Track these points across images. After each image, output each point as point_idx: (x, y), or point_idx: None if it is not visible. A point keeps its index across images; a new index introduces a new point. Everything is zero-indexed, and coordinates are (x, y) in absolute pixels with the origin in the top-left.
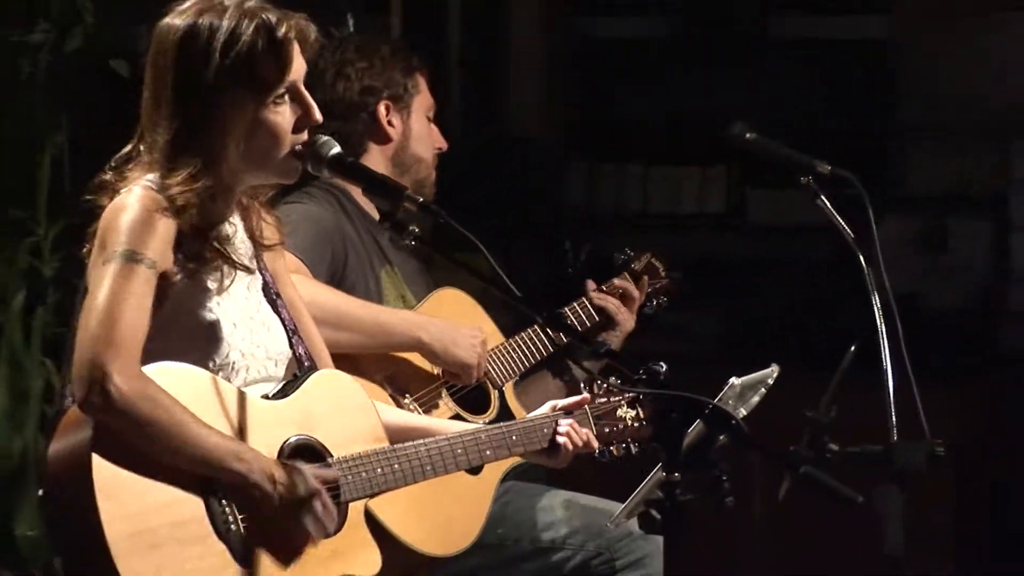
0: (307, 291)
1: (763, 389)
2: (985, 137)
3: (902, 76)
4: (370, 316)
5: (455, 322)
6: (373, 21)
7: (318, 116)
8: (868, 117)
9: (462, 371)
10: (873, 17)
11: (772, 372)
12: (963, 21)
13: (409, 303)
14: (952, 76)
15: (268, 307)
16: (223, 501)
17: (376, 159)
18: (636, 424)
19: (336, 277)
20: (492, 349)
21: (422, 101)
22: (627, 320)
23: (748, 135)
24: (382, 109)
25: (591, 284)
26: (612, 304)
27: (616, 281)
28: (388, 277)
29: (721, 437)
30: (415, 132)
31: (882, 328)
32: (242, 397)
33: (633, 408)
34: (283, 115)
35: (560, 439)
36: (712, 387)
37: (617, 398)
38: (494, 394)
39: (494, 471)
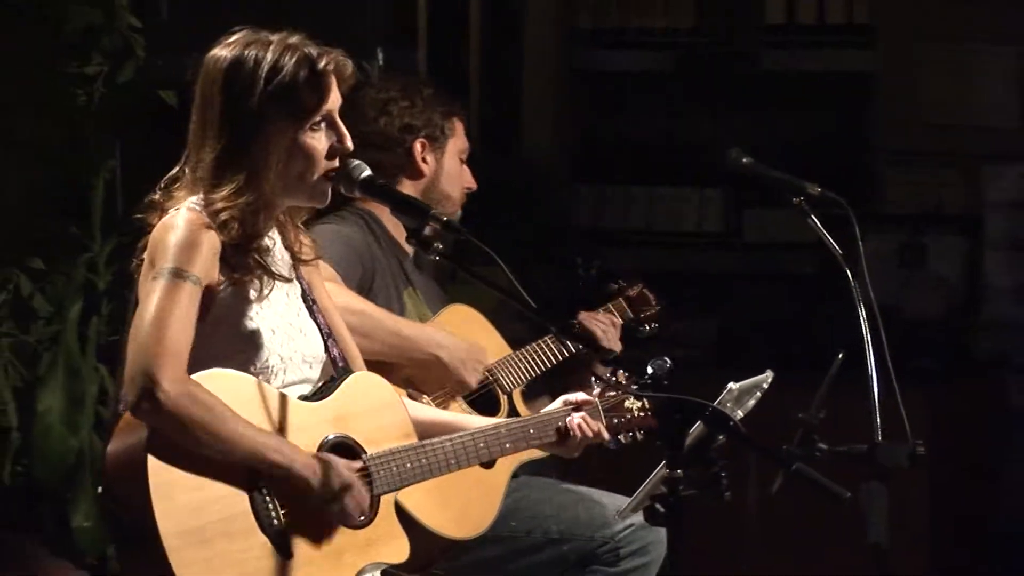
0: (342, 299)
1: (758, 393)
2: (960, 161)
3: (884, 105)
4: (397, 328)
5: (469, 342)
6: (401, 54)
7: (350, 144)
8: (853, 142)
9: (461, 388)
10: (857, 52)
11: (767, 377)
12: (939, 55)
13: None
14: (929, 105)
15: (306, 312)
16: (266, 497)
17: (407, 191)
18: (641, 414)
19: (363, 293)
20: (503, 358)
21: (456, 143)
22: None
23: (744, 159)
24: (417, 146)
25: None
26: (599, 329)
27: (596, 319)
28: (410, 298)
29: (720, 437)
30: (446, 171)
31: (867, 336)
32: (284, 399)
33: (639, 399)
34: (319, 140)
35: (571, 427)
36: (711, 391)
37: (624, 391)
38: (503, 399)
39: (507, 464)
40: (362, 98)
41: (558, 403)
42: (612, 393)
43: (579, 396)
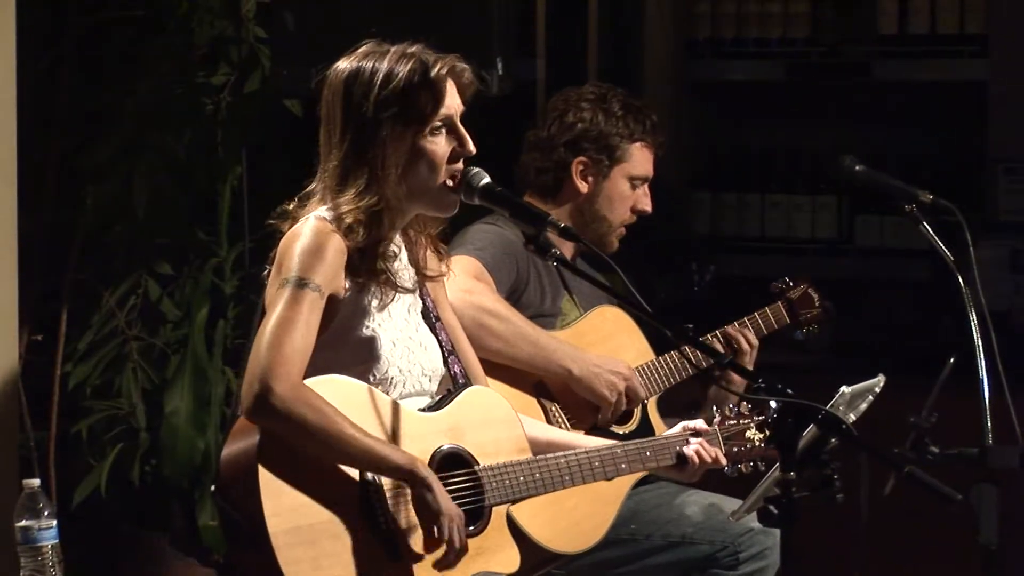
0: (488, 302)
1: (870, 397)
2: None
3: (996, 114)
4: (535, 338)
5: (606, 360)
6: (521, 64)
7: (472, 148)
8: (965, 150)
9: (597, 401)
10: (969, 61)
11: (879, 381)
12: None
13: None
14: None
15: (427, 329)
16: (375, 499)
17: (562, 202)
18: (763, 445)
19: (516, 293)
20: (640, 365)
21: (627, 168)
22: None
23: (857, 167)
24: (576, 165)
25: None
26: (744, 343)
27: (734, 328)
28: (567, 304)
29: (833, 439)
30: (605, 194)
31: (978, 342)
32: (397, 408)
33: (761, 431)
34: (439, 145)
35: (689, 454)
36: (824, 395)
37: (746, 420)
38: (637, 408)
39: (626, 480)
40: (554, 100)
41: (678, 428)
42: (733, 422)
43: (699, 423)
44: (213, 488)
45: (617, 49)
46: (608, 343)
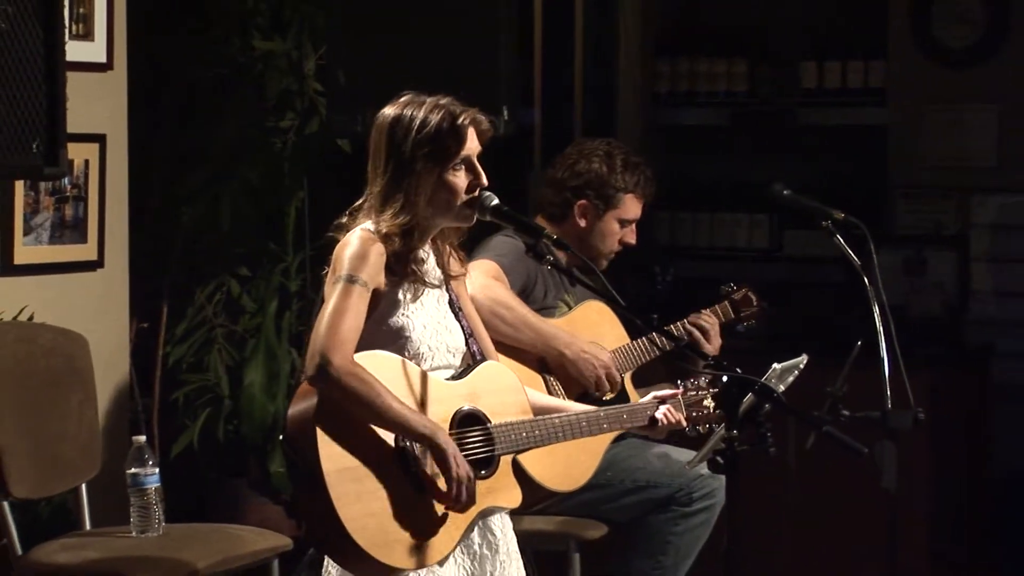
0: (502, 296)
1: (796, 372)
2: (952, 194)
3: (893, 150)
4: (537, 325)
5: (593, 348)
6: (522, 112)
7: (485, 181)
8: (869, 179)
9: (581, 378)
10: (873, 109)
11: (802, 360)
12: (937, 111)
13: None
14: (929, 149)
15: (452, 315)
16: (408, 448)
17: (565, 231)
18: (716, 411)
19: (527, 291)
20: (619, 347)
21: (619, 214)
22: (708, 347)
23: (785, 192)
24: (579, 207)
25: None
26: (696, 335)
27: (701, 318)
28: (563, 301)
29: (766, 405)
30: (597, 231)
31: (880, 329)
32: (425, 376)
33: (715, 401)
34: (459, 178)
35: (658, 417)
36: (760, 370)
37: (703, 392)
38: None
39: (606, 436)
40: (571, 148)
41: (648, 397)
42: (693, 393)
43: (666, 392)
44: (281, 438)
45: (598, 100)
46: (594, 329)
